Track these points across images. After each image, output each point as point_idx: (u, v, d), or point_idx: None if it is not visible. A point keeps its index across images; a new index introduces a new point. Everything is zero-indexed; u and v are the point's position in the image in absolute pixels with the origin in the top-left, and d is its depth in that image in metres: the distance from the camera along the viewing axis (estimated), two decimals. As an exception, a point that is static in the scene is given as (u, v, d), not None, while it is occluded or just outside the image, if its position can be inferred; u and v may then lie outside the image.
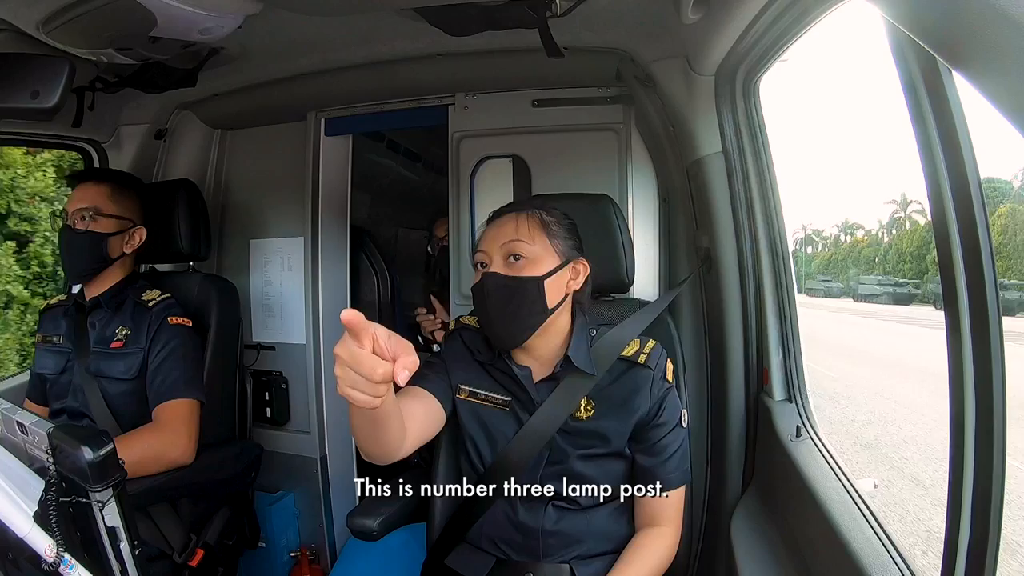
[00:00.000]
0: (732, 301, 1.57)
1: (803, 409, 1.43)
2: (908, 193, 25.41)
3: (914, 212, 23.56)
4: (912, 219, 23.56)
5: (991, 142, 0.99)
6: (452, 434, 1.40)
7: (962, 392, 0.80)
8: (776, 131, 1.51)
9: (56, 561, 0.88)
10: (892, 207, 24.82)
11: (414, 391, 1.29)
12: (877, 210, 28.60)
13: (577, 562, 1.27)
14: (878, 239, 24.99)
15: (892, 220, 24.52)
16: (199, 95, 2.08)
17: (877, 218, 27.52)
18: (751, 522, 1.41)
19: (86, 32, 1.33)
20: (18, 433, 1.01)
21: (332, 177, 2.26)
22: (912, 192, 25.15)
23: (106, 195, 1.75)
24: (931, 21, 0.66)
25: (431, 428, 1.30)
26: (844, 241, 27.13)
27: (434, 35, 1.54)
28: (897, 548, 0.96)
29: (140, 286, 1.80)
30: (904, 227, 23.63)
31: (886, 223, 25.04)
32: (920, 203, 22.81)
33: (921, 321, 14.62)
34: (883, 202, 39.31)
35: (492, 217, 1.34)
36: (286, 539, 2.28)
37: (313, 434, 2.25)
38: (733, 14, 1.19)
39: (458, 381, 1.35)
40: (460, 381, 1.35)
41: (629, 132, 1.92)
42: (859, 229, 26.69)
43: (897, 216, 24.23)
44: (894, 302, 18.65)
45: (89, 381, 1.69)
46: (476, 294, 1.29)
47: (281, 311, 2.31)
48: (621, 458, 1.30)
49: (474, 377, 1.35)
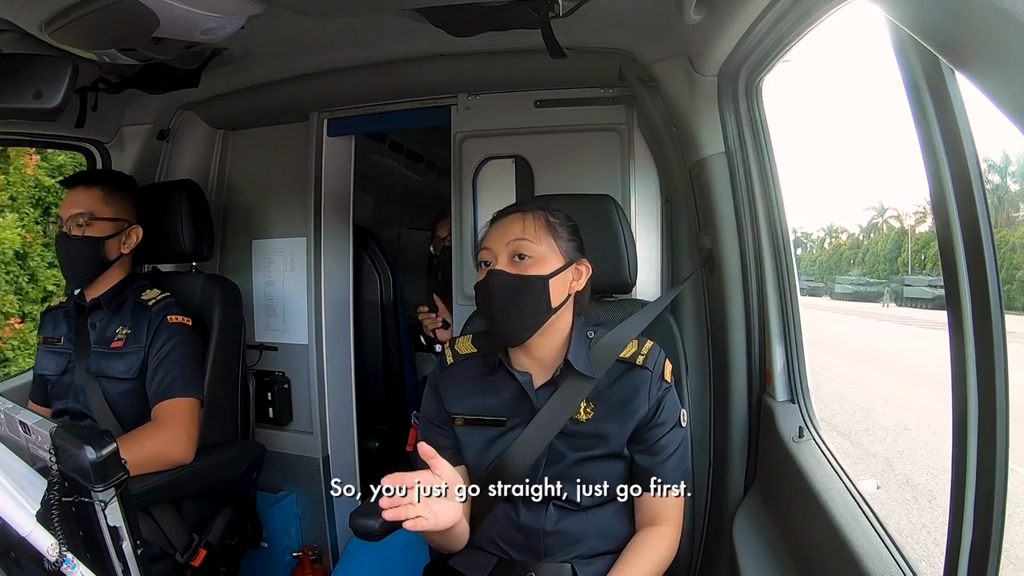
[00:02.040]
0: (735, 302, 1.57)
1: (806, 410, 1.43)
2: (885, 201, 27.70)
3: (891, 218, 25.08)
4: (889, 224, 25.12)
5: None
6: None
7: (965, 391, 0.79)
8: (774, 133, 1.51)
9: (59, 561, 0.88)
10: (871, 213, 26.35)
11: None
12: (858, 216, 30.69)
13: (578, 562, 1.27)
14: (859, 242, 26.71)
15: (871, 225, 26.02)
16: (202, 95, 2.08)
17: (858, 223, 29.67)
18: (753, 523, 1.40)
19: (89, 33, 1.33)
20: (21, 433, 1.01)
21: (335, 177, 2.26)
22: (889, 200, 27.53)
23: (99, 198, 1.75)
24: (934, 21, 0.66)
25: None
26: (830, 243, 28.48)
27: (436, 36, 1.54)
28: (900, 549, 0.96)
29: (140, 286, 1.80)
30: (881, 231, 25.25)
31: (865, 227, 26.64)
32: (896, 210, 24.92)
33: (872, 314, 16.40)
34: (862, 208, 41.19)
35: (497, 216, 1.34)
36: (288, 539, 2.28)
37: (315, 434, 2.25)
38: (736, 14, 1.19)
39: (453, 411, 1.36)
40: (456, 411, 1.35)
41: (631, 132, 1.92)
42: (843, 232, 28.27)
43: (875, 222, 25.75)
44: (864, 299, 20.35)
45: (90, 381, 1.69)
46: (480, 291, 1.29)
47: (284, 311, 2.31)
48: (620, 459, 1.30)
49: (470, 403, 1.35)
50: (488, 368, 1.35)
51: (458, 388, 1.37)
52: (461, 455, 1.36)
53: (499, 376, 1.34)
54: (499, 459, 1.28)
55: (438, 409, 1.38)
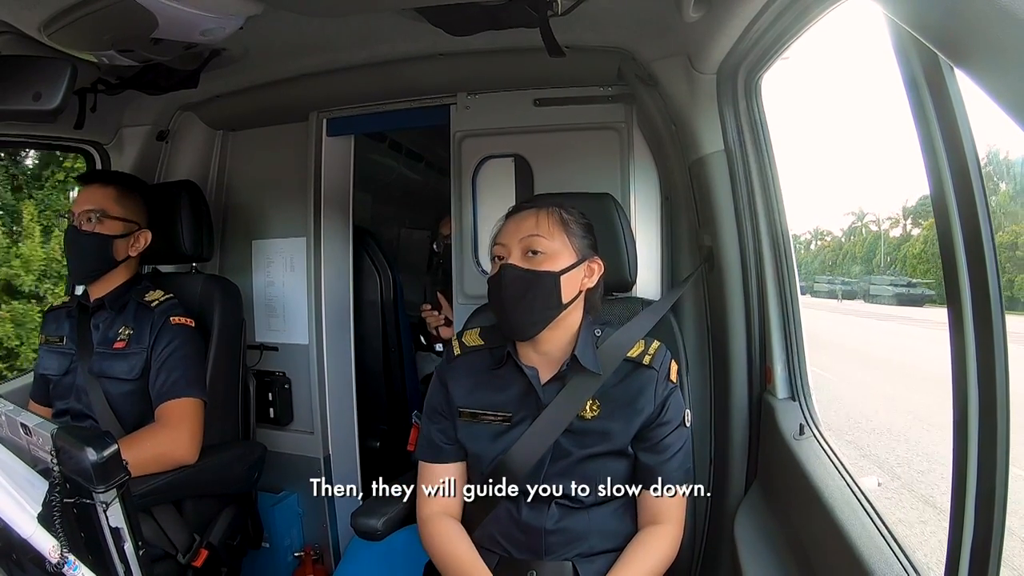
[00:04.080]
0: (735, 299, 1.57)
1: (806, 407, 1.43)
2: (864, 206, 30.45)
3: (870, 222, 27.84)
4: (868, 228, 27.82)
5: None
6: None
7: (965, 391, 0.79)
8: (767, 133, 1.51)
9: (60, 562, 0.88)
10: (851, 218, 29.76)
11: (444, 471, 1.36)
12: (840, 220, 33.19)
13: (580, 560, 1.28)
14: (841, 244, 29.34)
15: (851, 229, 28.73)
16: (201, 96, 2.09)
17: (840, 227, 33.54)
18: (754, 520, 1.41)
19: (87, 34, 1.33)
20: (22, 435, 1.01)
21: (334, 177, 2.26)
22: (868, 206, 30.37)
23: (113, 197, 1.75)
24: (933, 19, 0.66)
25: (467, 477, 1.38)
26: (816, 245, 30.71)
27: (435, 35, 1.54)
28: (901, 546, 0.96)
29: (143, 287, 1.80)
30: (861, 234, 27.83)
31: (845, 230, 29.45)
32: (875, 215, 28.22)
33: (837, 309, 18.89)
34: (843, 213, 45.16)
35: (511, 212, 1.36)
36: (290, 539, 2.28)
37: (316, 434, 2.25)
38: (735, 12, 1.18)
39: (459, 404, 1.36)
40: (461, 404, 1.36)
41: (631, 131, 1.92)
42: (828, 235, 30.88)
43: (855, 226, 28.47)
44: (841, 297, 22.75)
45: (92, 382, 1.69)
46: (492, 285, 1.31)
47: (284, 311, 2.31)
48: (624, 456, 1.30)
49: (477, 398, 1.36)
50: (495, 361, 1.36)
51: (464, 381, 1.37)
52: (465, 450, 1.36)
53: (506, 370, 1.35)
54: (504, 454, 1.29)
55: (444, 401, 1.38)
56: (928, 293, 18.69)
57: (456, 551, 1.29)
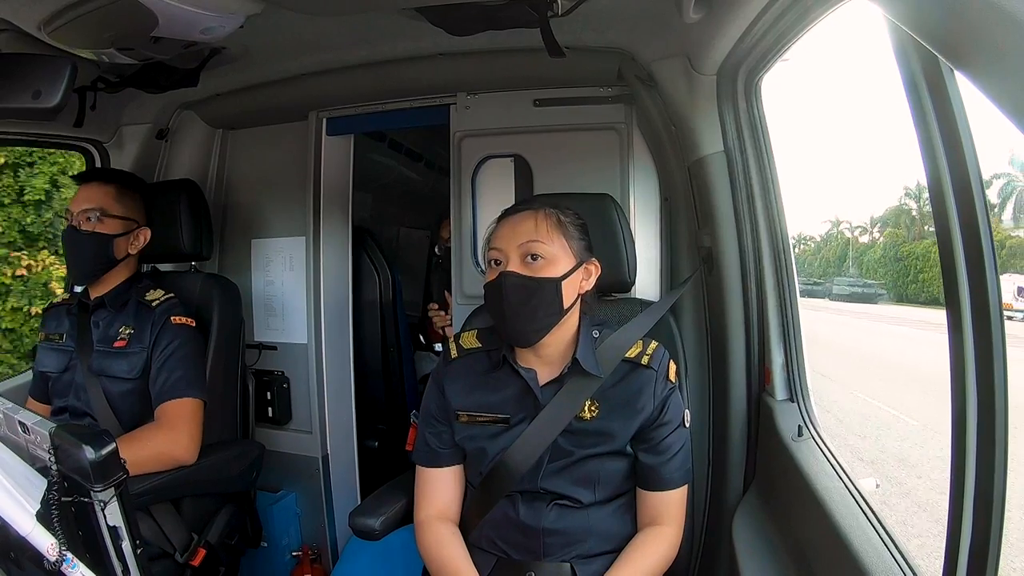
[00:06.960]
0: (734, 300, 1.57)
1: (805, 409, 1.43)
2: (840, 215, 33.77)
3: (844, 229, 31.98)
4: (842, 234, 31.98)
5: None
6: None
7: (964, 391, 0.79)
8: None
9: (58, 560, 0.88)
10: (827, 225, 33.50)
11: (441, 476, 1.36)
12: (818, 227, 36.02)
13: (578, 561, 1.27)
14: (820, 248, 33.10)
15: (827, 235, 32.80)
16: (201, 95, 2.09)
17: (818, 233, 37.71)
18: (753, 522, 1.40)
19: (88, 32, 1.33)
20: (20, 433, 1.01)
21: (334, 177, 2.26)
22: (843, 214, 33.28)
23: (112, 196, 1.75)
24: (933, 21, 0.66)
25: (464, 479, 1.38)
26: (799, 249, 33.84)
27: (435, 35, 1.54)
28: (899, 548, 0.96)
29: (144, 286, 1.80)
30: (837, 240, 31.82)
31: (823, 236, 33.59)
32: (849, 222, 32.54)
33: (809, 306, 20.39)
34: (820, 221, 49.58)
35: (506, 214, 1.33)
36: (288, 538, 2.28)
37: (315, 434, 2.25)
38: (735, 13, 1.19)
39: (456, 407, 1.35)
40: (458, 407, 1.35)
41: (631, 131, 1.92)
42: (811, 241, 34.63)
43: (831, 232, 32.50)
44: (807, 296, 25.80)
45: (91, 380, 1.69)
46: (491, 291, 1.28)
47: (283, 311, 2.31)
48: (623, 457, 1.30)
49: (475, 399, 1.35)
50: (492, 364, 1.35)
51: (461, 383, 1.36)
52: (462, 453, 1.36)
53: (503, 372, 1.34)
54: (502, 455, 1.28)
55: (440, 404, 1.38)
56: (880, 292, 24.30)
57: (449, 556, 1.28)
